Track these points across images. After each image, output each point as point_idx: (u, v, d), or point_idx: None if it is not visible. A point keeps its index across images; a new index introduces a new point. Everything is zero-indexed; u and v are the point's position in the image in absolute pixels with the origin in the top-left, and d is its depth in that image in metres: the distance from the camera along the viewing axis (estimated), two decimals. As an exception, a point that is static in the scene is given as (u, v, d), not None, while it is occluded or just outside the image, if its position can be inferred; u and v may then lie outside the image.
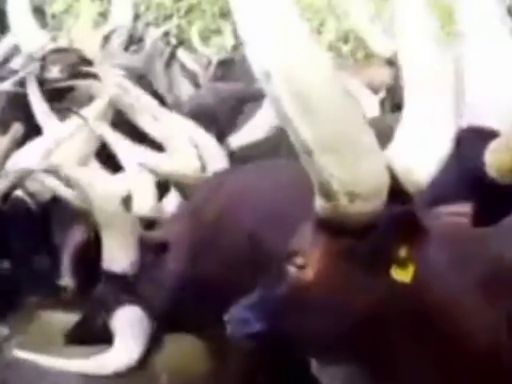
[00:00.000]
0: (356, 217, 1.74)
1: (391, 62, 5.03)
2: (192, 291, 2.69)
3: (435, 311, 1.81)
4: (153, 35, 5.96)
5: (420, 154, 1.82)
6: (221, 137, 3.68)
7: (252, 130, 3.76)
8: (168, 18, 9.13)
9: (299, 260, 1.83)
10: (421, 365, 1.83)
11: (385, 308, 1.79)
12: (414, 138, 1.84)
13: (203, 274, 2.68)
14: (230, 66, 6.48)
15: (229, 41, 7.77)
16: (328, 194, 1.72)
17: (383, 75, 5.08)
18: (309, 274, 1.80)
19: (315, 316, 1.80)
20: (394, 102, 4.77)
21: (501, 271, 1.84)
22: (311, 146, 1.65)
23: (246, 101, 4.28)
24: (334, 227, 1.77)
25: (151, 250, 2.77)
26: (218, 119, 3.97)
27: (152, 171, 2.98)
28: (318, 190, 1.74)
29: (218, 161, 3.22)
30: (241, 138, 3.78)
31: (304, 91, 1.61)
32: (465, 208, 1.83)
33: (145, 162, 3.00)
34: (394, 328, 1.80)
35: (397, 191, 1.79)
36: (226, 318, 1.90)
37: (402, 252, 1.75)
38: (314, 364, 2.13)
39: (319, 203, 1.77)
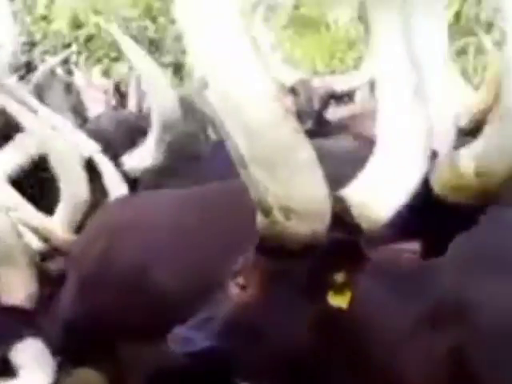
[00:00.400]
0: (293, 236, 1.74)
1: (294, 90, 5.12)
2: (83, 324, 2.67)
3: (371, 341, 1.81)
4: (48, 63, 5.92)
5: (382, 193, 1.83)
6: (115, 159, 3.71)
7: (143, 154, 3.82)
8: (66, 46, 9.08)
9: (240, 280, 1.83)
10: None
11: (321, 334, 1.78)
12: (380, 177, 1.85)
13: (93, 308, 2.65)
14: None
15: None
16: (264, 209, 1.72)
17: (287, 103, 5.18)
18: (249, 294, 1.81)
19: (256, 337, 1.80)
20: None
21: (444, 306, 1.84)
22: (246, 159, 1.66)
23: (138, 128, 4.34)
24: (272, 247, 1.77)
25: (49, 282, 2.75)
26: (113, 144, 3.99)
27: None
28: (257, 206, 1.74)
29: (118, 187, 3.24)
30: (133, 159, 3.84)
31: (239, 106, 1.62)
32: (414, 246, 1.84)
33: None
34: (329, 355, 1.80)
35: (347, 223, 1.80)
36: (169, 337, 1.89)
37: (339, 277, 1.75)
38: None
39: (259, 220, 1.77)
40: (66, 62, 7.25)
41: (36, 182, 3.96)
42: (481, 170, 1.85)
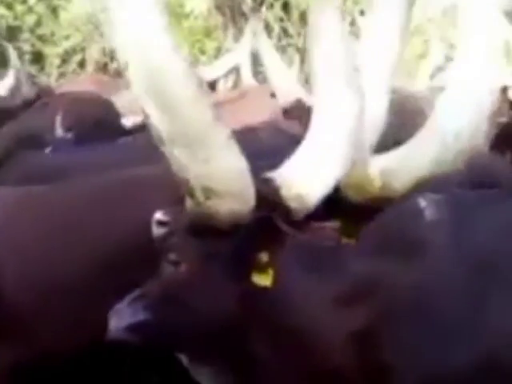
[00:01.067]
0: (216, 216, 1.76)
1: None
2: None
3: (291, 319, 1.89)
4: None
5: (313, 174, 1.84)
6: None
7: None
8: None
9: (173, 256, 1.87)
10: (278, 370, 1.92)
11: (246, 310, 1.84)
12: (310, 158, 1.86)
13: None
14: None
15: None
16: (188, 190, 1.75)
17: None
18: (182, 269, 1.86)
19: (188, 311, 1.85)
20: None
21: (358, 287, 1.93)
22: (166, 139, 1.68)
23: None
24: (200, 227, 1.80)
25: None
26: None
27: None
28: (183, 187, 1.76)
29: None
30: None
31: (158, 86, 1.62)
32: (334, 223, 1.87)
33: None
34: (253, 329, 1.88)
35: (275, 204, 1.81)
36: (109, 314, 1.91)
37: (264, 257, 1.80)
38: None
39: (187, 201, 1.79)
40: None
41: None
42: (384, 182, 1.90)
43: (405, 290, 1.95)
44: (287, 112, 4.85)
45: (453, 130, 1.82)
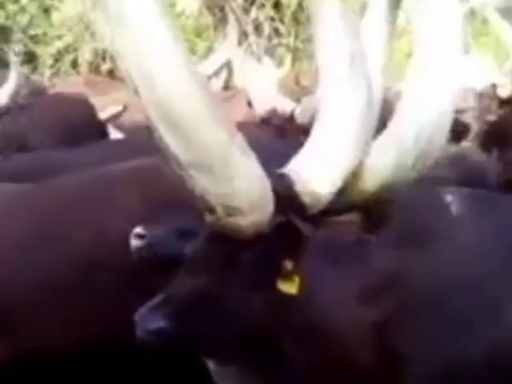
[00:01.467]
0: (238, 230, 1.73)
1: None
2: None
3: (316, 318, 1.88)
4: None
5: (326, 168, 1.80)
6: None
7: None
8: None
9: (195, 264, 1.84)
10: (304, 368, 1.91)
11: (272, 316, 1.83)
12: (322, 151, 1.81)
13: None
14: None
15: None
16: (207, 208, 1.71)
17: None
18: (204, 278, 1.82)
19: (211, 319, 1.83)
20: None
21: (377, 280, 1.92)
22: (182, 162, 1.64)
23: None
24: (223, 238, 1.77)
25: None
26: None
27: None
28: (200, 204, 1.73)
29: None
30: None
31: (171, 112, 1.58)
32: (352, 217, 1.86)
33: None
34: (279, 331, 1.86)
35: (290, 202, 1.78)
36: (135, 317, 1.87)
37: (288, 265, 1.77)
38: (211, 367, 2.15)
39: (207, 216, 1.76)
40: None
41: None
42: (358, 183, 1.87)
43: (427, 283, 1.96)
44: (264, 121, 4.85)
45: (412, 133, 1.80)
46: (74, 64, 9.49)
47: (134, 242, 2.18)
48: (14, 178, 3.00)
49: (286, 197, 1.77)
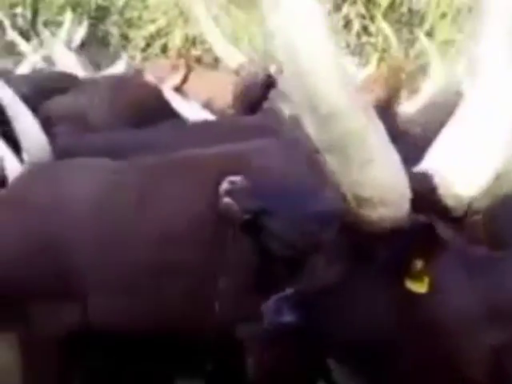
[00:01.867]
0: (369, 224, 1.68)
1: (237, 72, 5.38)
2: None
3: (442, 326, 1.79)
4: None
5: (472, 172, 1.70)
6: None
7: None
8: (14, 5, 9.10)
9: (325, 257, 1.82)
10: (419, 373, 1.83)
11: (399, 316, 1.77)
12: (461, 151, 1.72)
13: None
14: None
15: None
16: (341, 196, 1.67)
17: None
18: (333, 272, 1.80)
19: (339, 316, 1.80)
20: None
21: (504, 302, 1.82)
22: (320, 146, 1.61)
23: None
24: (353, 229, 1.72)
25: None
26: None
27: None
28: (336, 192, 1.68)
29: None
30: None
31: (311, 93, 1.54)
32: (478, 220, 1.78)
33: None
34: (405, 336, 1.79)
35: (431, 204, 1.73)
36: (262, 308, 1.85)
37: (418, 264, 1.72)
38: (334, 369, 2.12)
39: (341, 203, 1.71)
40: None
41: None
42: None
43: None
44: (237, 72, 5.21)
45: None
46: (164, 48, 9.66)
47: (224, 200, 2.11)
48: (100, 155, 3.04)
49: (426, 197, 1.71)
